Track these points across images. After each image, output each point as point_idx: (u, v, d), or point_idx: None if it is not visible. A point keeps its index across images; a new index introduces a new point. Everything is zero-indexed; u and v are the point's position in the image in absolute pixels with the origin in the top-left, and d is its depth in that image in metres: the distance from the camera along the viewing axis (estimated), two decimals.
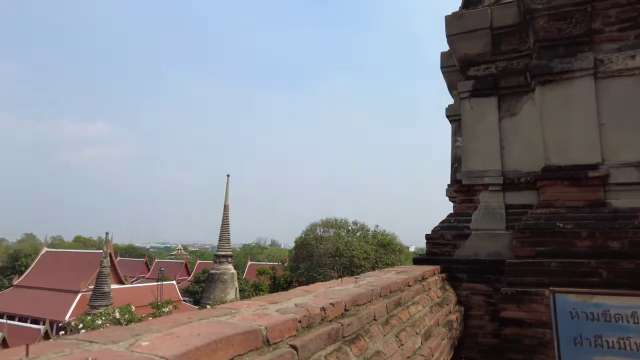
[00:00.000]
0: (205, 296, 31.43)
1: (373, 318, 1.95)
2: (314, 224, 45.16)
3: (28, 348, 0.78)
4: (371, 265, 41.08)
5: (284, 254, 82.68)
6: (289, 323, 1.30)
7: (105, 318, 18.72)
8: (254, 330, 1.13)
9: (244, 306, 1.49)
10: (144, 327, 1.09)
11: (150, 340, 0.94)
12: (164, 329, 1.05)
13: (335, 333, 1.53)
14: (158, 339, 0.95)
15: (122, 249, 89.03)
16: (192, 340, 0.94)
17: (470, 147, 4.96)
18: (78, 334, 0.99)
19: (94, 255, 43.18)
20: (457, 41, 5.02)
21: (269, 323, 1.21)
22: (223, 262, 32.71)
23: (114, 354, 0.84)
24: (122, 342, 0.91)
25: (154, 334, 1.00)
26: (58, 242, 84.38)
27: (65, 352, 0.82)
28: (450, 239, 4.70)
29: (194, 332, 1.01)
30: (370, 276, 2.87)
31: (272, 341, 1.19)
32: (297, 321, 1.34)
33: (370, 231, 45.25)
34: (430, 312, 3.02)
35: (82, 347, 0.87)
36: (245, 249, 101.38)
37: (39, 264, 47.94)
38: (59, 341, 0.90)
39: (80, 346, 0.87)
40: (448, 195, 6.60)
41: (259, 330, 1.15)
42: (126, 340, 0.93)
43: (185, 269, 71.47)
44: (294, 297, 1.75)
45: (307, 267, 42.25)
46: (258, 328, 1.15)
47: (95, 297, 29.04)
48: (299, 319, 1.35)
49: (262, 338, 1.15)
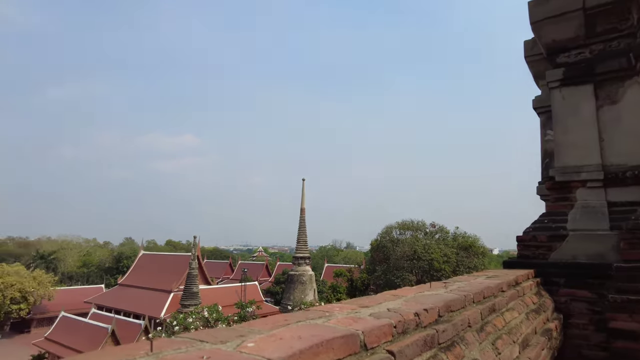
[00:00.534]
0: (285, 297, 32.36)
1: (467, 325, 1.86)
2: (390, 226, 44.52)
3: (152, 344, 0.84)
4: (452, 269, 39.47)
5: (359, 256, 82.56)
6: (385, 328, 1.27)
7: (195, 317, 20.04)
8: (352, 335, 1.12)
9: (336, 309, 1.49)
10: (247, 328, 1.14)
11: (255, 341, 0.97)
12: (266, 330, 1.08)
13: (431, 339, 1.48)
14: (262, 340, 0.98)
15: (208, 251, 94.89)
16: (295, 343, 0.95)
17: (564, 140, 4.56)
18: (189, 332, 1.05)
19: (184, 258, 46.54)
20: (543, 27, 4.65)
21: (365, 327, 1.20)
22: (301, 264, 33.46)
23: (224, 353, 0.89)
24: (230, 343, 0.96)
25: (257, 335, 1.03)
26: (152, 246, 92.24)
27: (182, 350, 0.87)
28: (544, 241, 4.35)
29: (295, 334, 1.03)
30: (460, 281, 2.74)
31: (369, 346, 1.18)
32: (392, 326, 1.32)
33: (450, 233, 43.52)
34: (526, 319, 2.81)
35: (195, 345, 0.92)
36: (322, 251, 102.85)
37: (137, 265, 52.78)
38: (175, 339, 0.96)
39: (193, 345, 0.92)
40: (539, 193, 6.13)
41: (357, 335, 1.14)
42: (233, 341, 0.97)
43: (266, 270, 74.22)
44: (384, 301, 1.72)
45: (384, 270, 41.73)
46: (355, 332, 1.14)
47: (185, 297, 31.28)
48: (394, 324, 1.32)
49: (360, 342, 1.14)
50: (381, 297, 1.89)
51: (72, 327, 35.89)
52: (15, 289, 47.42)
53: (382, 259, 42.94)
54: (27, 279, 49.16)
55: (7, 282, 47.35)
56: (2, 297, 46.67)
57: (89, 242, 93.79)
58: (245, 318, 21.71)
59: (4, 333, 50.09)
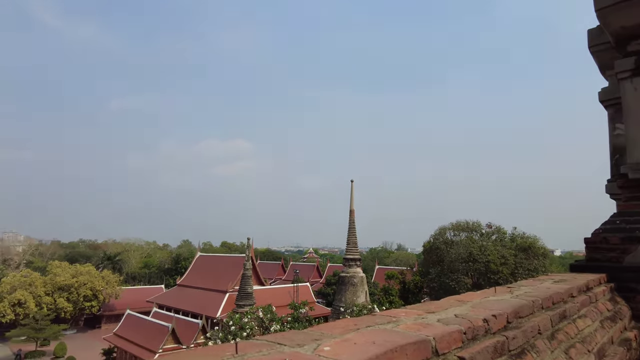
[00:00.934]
0: (337, 298, 32.39)
1: (537, 331, 1.79)
2: (443, 227, 43.37)
3: (237, 346, 0.90)
4: (510, 271, 37.77)
5: (411, 258, 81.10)
6: (455, 334, 1.26)
7: (251, 317, 20.57)
8: (424, 341, 1.13)
9: (402, 314, 1.50)
10: (317, 331, 1.17)
11: (331, 345, 1.00)
12: (338, 335, 1.11)
13: (501, 346, 1.45)
14: (337, 344, 1.01)
15: (260, 252, 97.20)
16: (370, 348, 0.98)
17: (637, 134, 4.25)
18: (269, 335, 1.10)
19: (238, 259, 47.96)
20: (610, 14, 4.36)
21: (435, 333, 1.19)
22: (352, 266, 33.35)
23: (304, 357, 0.93)
24: (307, 346, 1.00)
25: (331, 339, 1.06)
26: (208, 247, 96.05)
27: (264, 352, 0.92)
28: (617, 243, 4.07)
29: (369, 339, 1.05)
30: (525, 285, 2.64)
31: (440, 352, 1.18)
32: (462, 333, 1.30)
33: (508, 234, 41.66)
34: (601, 327, 2.64)
35: (275, 348, 0.97)
36: (372, 253, 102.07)
37: (195, 266, 55.10)
38: (255, 342, 1.01)
39: (273, 347, 0.97)
40: (609, 192, 5.74)
41: (429, 341, 1.14)
42: (309, 344, 1.01)
43: (317, 271, 74.77)
44: (450, 307, 1.70)
45: (437, 272, 40.70)
46: (427, 338, 1.14)
47: (240, 297, 32.20)
48: (463, 331, 1.31)
49: (432, 348, 1.15)
50: (446, 302, 1.87)
51: (136, 324, 38.10)
52: (87, 288, 51.19)
53: (435, 261, 41.90)
54: (97, 279, 52.88)
55: (81, 281, 51.22)
56: (77, 295, 50.53)
57: (149, 245, 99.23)
58: (299, 319, 21.98)
59: (79, 328, 54.15)
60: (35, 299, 48.14)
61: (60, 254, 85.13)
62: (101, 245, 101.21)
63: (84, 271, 53.47)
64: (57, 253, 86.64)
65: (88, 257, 77.91)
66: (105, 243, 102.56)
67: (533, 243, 39.12)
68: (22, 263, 77.26)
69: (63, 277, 51.12)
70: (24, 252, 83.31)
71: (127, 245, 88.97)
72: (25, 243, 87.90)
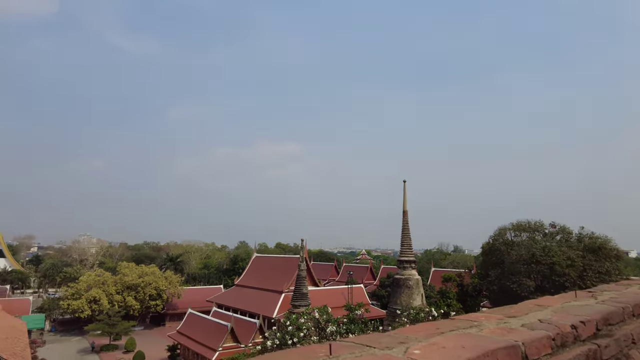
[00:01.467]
0: (392, 301, 32.01)
1: (632, 341, 1.67)
2: (503, 227, 41.50)
3: (331, 347, 0.93)
4: (577, 274, 35.39)
5: (469, 260, 78.36)
6: (544, 340, 1.22)
7: (307, 317, 20.87)
8: (514, 346, 1.10)
9: (482, 319, 1.46)
10: (401, 335, 1.18)
11: (420, 348, 1.01)
12: (424, 338, 1.11)
13: (593, 355, 1.37)
14: (426, 348, 1.02)
15: (313, 253, 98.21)
16: (460, 352, 0.97)
17: None
18: (353, 337, 1.12)
19: (292, 260, 48.77)
20: None
21: (524, 339, 1.16)
22: (407, 268, 32.82)
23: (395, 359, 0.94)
24: (396, 349, 1.01)
25: (417, 342, 1.07)
26: (263, 248, 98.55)
27: (357, 354, 0.95)
28: None
29: (457, 343, 1.05)
30: (609, 290, 2.48)
31: (529, 358, 1.14)
32: (550, 339, 1.25)
33: (574, 234, 39.09)
34: None
35: (365, 350, 0.99)
36: (427, 255, 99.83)
37: (251, 267, 56.70)
38: (345, 344, 1.04)
39: (363, 350, 0.99)
40: None
41: (518, 346, 1.11)
42: (397, 347, 1.02)
43: (370, 273, 74.28)
44: (530, 311, 1.64)
45: (497, 274, 38.97)
46: (516, 343, 1.12)
47: (296, 297, 32.72)
48: (552, 337, 1.26)
49: (521, 354, 1.12)
50: (524, 306, 1.80)
51: (197, 323, 39.83)
52: (152, 287, 54.34)
53: (495, 263, 40.18)
54: (161, 279, 55.97)
55: (146, 281, 54.49)
56: (143, 294, 53.80)
57: (208, 246, 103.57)
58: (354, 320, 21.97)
59: (146, 325, 57.57)
60: (108, 296, 51.88)
61: (128, 255, 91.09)
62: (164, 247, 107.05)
63: (149, 272, 56.82)
64: (125, 254, 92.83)
65: (152, 259, 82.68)
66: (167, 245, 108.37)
67: (604, 244, 36.40)
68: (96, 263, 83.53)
69: (131, 277, 54.65)
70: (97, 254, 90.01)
71: (188, 247, 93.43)
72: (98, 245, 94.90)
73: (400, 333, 1.22)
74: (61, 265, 76.30)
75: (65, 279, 65.25)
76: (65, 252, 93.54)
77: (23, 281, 79.39)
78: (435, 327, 1.26)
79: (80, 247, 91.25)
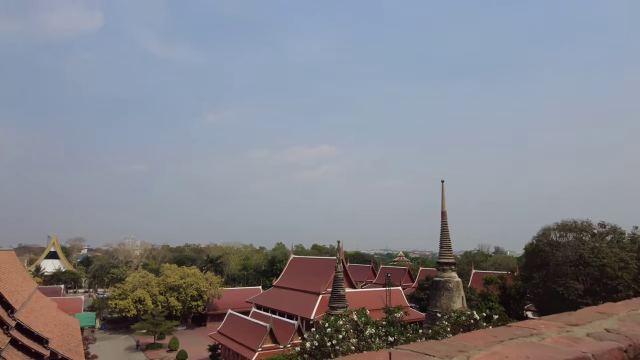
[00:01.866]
0: (431, 304, 31.39)
1: None
2: (547, 227, 39.83)
3: (391, 355, 0.90)
4: (632, 277, 33.43)
5: (511, 261, 75.72)
6: (615, 352, 1.14)
7: (345, 319, 20.80)
8: (583, 358, 1.03)
9: (541, 326, 1.39)
10: (459, 343, 1.14)
11: (481, 358, 0.97)
12: (484, 347, 1.07)
13: None
14: (488, 358, 0.97)
15: (350, 255, 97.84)
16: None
17: None
18: (408, 345, 1.09)
19: (329, 261, 48.79)
20: None
21: (593, 351, 1.09)
22: (446, 270, 32.08)
23: None
24: (455, 358, 0.97)
25: (477, 351, 1.03)
26: (300, 250, 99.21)
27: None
28: None
29: (520, 353, 1.00)
30: None
31: None
32: (622, 350, 1.17)
33: (627, 234, 36.93)
34: None
35: (424, 359, 0.96)
36: (467, 256, 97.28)
37: (289, 269, 57.19)
38: (402, 351, 1.01)
39: (423, 358, 0.96)
40: None
41: (588, 358, 1.05)
42: (457, 357, 0.98)
43: (408, 275, 73.16)
44: (593, 319, 1.54)
45: (542, 277, 37.42)
46: (585, 355, 1.05)
47: (333, 299, 32.72)
48: (624, 349, 1.18)
49: None
50: (585, 314, 1.70)
51: (237, 323, 40.58)
52: (193, 288, 55.94)
53: (539, 264, 38.59)
54: (201, 280, 57.50)
55: (188, 282, 56.16)
56: (185, 295, 55.47)
57: (247, 248, 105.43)
58: (393, 323, 21.68)
59: (188, 325, 59.33)
60: (152, 297, 53.87)
61: (170, 257, 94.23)
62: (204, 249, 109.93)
63: (190, 273, 58.50)
64: (167, 256, 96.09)
65: (193, 260, 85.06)
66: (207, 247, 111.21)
67: None
68: (140, 265, 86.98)
69: (173, 278, 56.49)
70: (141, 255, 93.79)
71: (227, 249, 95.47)
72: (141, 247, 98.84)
73: (458, 341, 1.18)
74: (108, 266, 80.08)
75: (113, 279, 68.46)
76: (112, 254, 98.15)
77: (75, 281, 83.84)
78: (492, 334, 1.21)
79: (126, 249, 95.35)
